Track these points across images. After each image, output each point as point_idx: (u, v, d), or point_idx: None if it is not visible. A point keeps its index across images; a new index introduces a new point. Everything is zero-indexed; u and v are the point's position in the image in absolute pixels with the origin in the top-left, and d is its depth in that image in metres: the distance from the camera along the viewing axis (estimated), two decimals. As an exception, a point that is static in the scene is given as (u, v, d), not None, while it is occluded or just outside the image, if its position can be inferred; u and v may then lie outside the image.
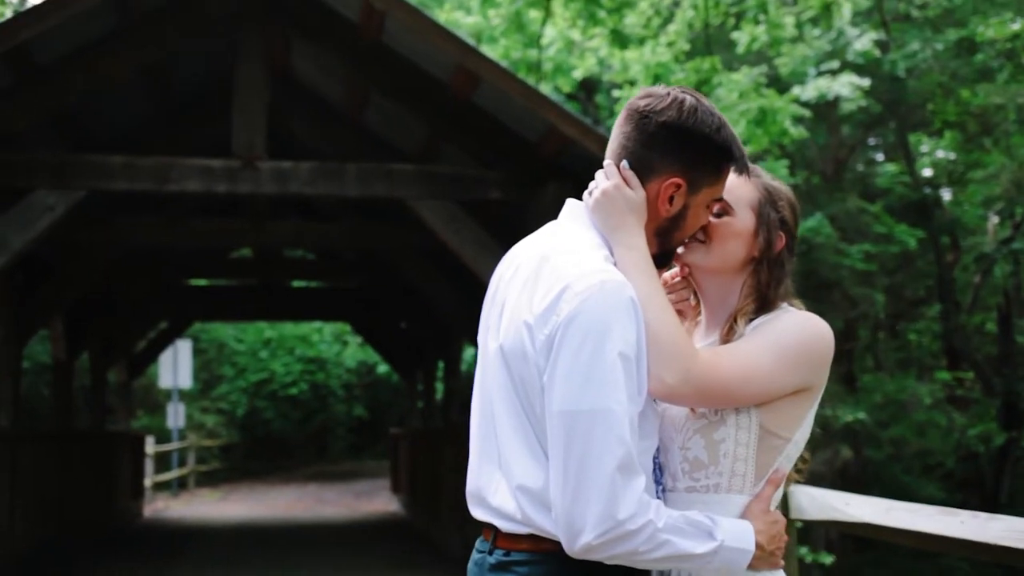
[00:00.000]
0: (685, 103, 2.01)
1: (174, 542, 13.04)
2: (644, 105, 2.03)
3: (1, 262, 7.71)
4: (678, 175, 2.02)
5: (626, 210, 2.03)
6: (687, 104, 2.01)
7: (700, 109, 2.01)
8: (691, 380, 1.96)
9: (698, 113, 2.00)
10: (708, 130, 2.00)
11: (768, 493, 2.08)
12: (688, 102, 2.01)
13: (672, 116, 2.00)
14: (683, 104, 2.01)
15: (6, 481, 9.26)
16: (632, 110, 2.05)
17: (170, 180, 8.06)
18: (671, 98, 2.02)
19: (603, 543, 1.82)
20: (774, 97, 10.24)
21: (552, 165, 8.22)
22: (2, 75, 7.67)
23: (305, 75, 10.08)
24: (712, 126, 2.01)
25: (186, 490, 21.48)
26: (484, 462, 2.03)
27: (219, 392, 25.43)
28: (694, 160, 2.02)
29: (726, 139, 2.03)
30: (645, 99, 2.04)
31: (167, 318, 16.80)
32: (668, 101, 2.01)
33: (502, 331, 2.01)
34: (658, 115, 2.00)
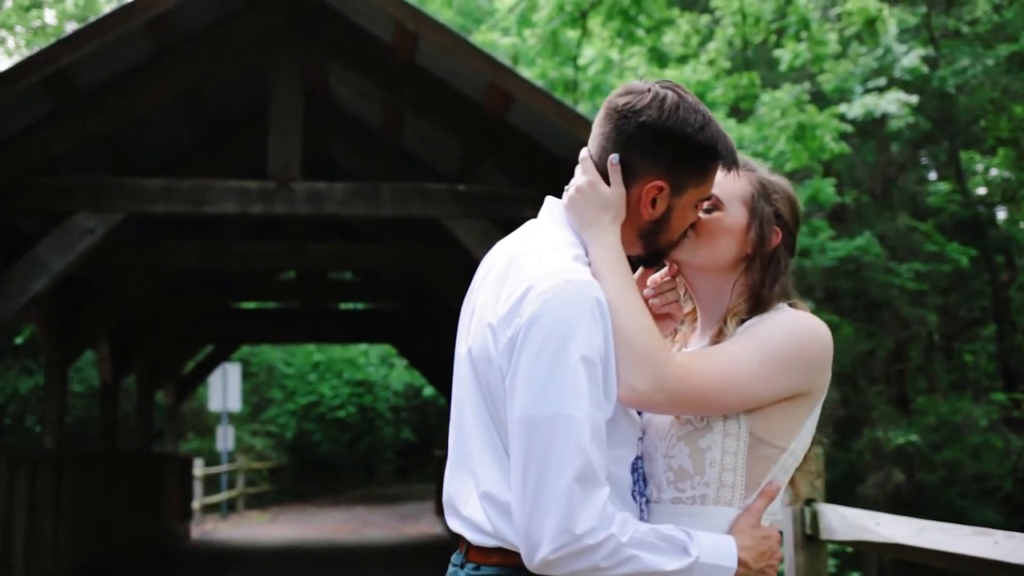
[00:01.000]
0: (666, 100, 1.88)
1: (218, 563, 13.09)
2: (623, 104, 1.91)
3: (42, 285, 7.81)
4: (660, 177, 1.91)
5: (600, 208, 1.92)
6: (668, 101, 1.88)
7: (682, 106, 1.89)
8: (664, 387, 1.84)
9: (680, 111, 1.88)
10: (691, 129, 1.88)
11: (759, 506, 1.93)
12: (670, 99, 1.89)
13: (652, 115, 1.87)
14: (664, 101, 1.88)
15: (51, 501, 9.34)
16: (611, 108, 1.93)
17: (207, 202, 8.13)
18: (651, 95, 1.89)
19: (560, 558, 1.72)
20: (814, 113, 10.09)
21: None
22: (43, 101, 7.80)
23: (342, 97, 10.14)
24: (695, 124, 1.88)
25: (235, 512, 21.57)
26: (456, 471, 1.95)
27: (268, 415, 25.58)
28: (677, 161, 1.90)
29: (711, 137, 1.90)
30: (625, 96, 1.92)
31: (213, 341, 16.93)
32: (648, 99, 1.89)
33: (471, 334, 1.93)
34: (638, 114, 1.88)
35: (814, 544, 4.23)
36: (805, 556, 4.23)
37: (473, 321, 1.95)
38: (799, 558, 4.23)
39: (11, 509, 8.33)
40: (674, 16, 11.29)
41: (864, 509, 4.18)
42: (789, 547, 4.26)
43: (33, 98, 7.66)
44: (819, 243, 16.01)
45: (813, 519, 4.19)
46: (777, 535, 1.97)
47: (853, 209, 19.01)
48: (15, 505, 8.42)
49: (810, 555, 4.24)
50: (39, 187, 8.00)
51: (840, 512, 4.04)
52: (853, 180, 19.53)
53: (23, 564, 8.61)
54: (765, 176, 2.10)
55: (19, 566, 8.54)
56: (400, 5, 7.62)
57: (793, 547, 4.23)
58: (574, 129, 7.74)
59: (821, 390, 2.00)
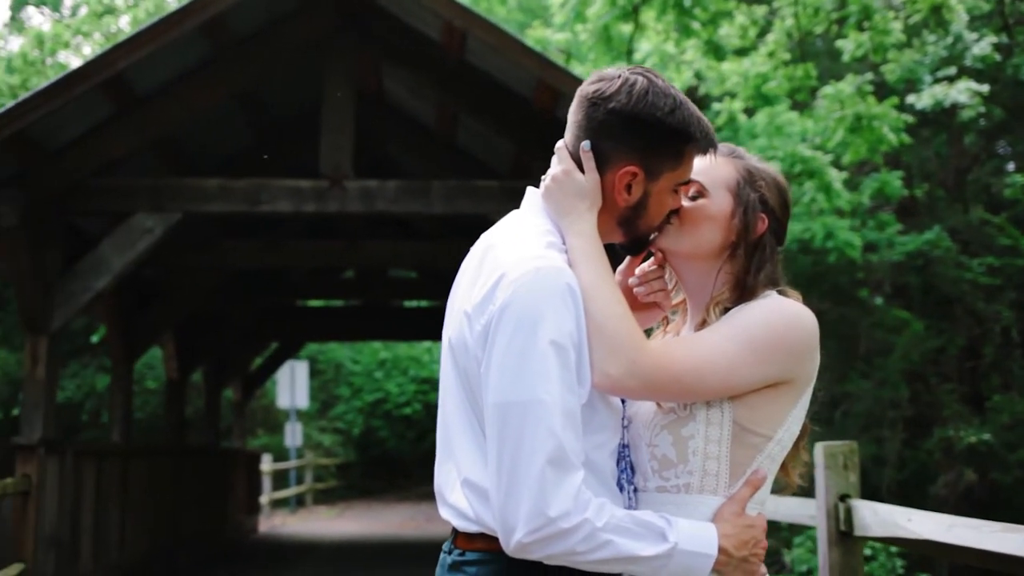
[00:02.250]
0: (636, 86, 1.90)
1: (282, 557, 13.30)
2: (593, 91, 1.93)
3: (104, 283, 8.03)
4: (633, 163, 1.92)
5: (575, 196, 1.94)
6: (638, 87, 1.90)
7: (652, 91, 1.90)
8: (637, 373, 1.84)
9: (649, 96, 1.89)
10: (660, 113, 1.89)
11: (744, 495, 1.94)
12: (639, 84, 1.90)
13: (622, 101, 1.89)
14: (633, 87, 1.90)
15: (117, 494, 9.59)
16: (582, 96, 1.96)
17: (261, 201, 8.28)
18: (621, 81, 1.91)
19: (535, 541, 1.74)
20: (872, 104, 9.91)
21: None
22: (102, 104, 8.00)
23: (397, 96, 10.23)
24: (665, 108, 1.89)
25: (304, 507, 21.89)
26: (442, 459, 1.98)
27: (336, 412, 25.89)
28: (649, 146, 1.91)
29: (681, 120, 1.91)
30: (595, 84, 1.95)
31: (278, 339, 17.19)
32: (618, 85, 1.91)
33: (450, 323, 1.97)
34: (607, 101, 1.90)
35: (848, 540, 4.18)
36: (839, 552, 4.19)
37: (452, 309, 1.98)
38: (833, 554, 4.19)
39: (78, 502, 8.56)
40: (731, 8, 11.18)
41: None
42: (823, 543, 4.22)
43: (93, 102, 7.86)
44: (887, 237, 15.73)
45: (847, 515, 4.15)
46: (763, 524, 1.96)
47: (924, 202, 18.63)
48: (82, 498, 8.66)
49: (844, 551, 4.19)
50: (100, 188, 8.22)
51: (873, 508, 4.00)
52: (924, 173, 19.12)
53: (91, 555, 8.85)
54: (752, 163, 2.10)
55: (87, 557, 8.78)
56: (448, 3, 7.67)
57: (827, 543, 4.20)
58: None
59: (807, 378, 1.99)
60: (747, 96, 11.92)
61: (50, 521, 7.85)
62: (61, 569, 8.05)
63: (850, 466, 4.21)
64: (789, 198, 2.13)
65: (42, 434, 7.67)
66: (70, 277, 7.97)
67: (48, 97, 7.42)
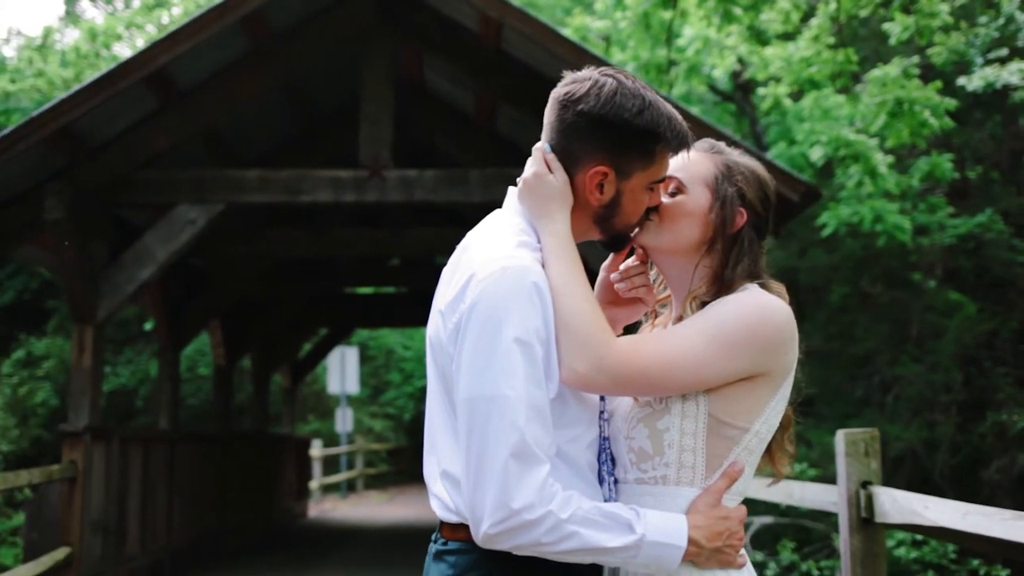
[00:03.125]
0: (604, 88, 1.95)
1: (330, 541, 13.49)
2: (564, 93, 1.99)
3: (148, 273, 8.20)
4: (603, 163, 1.97)
5: (546, 197, 1.99)
6: (606, 89, 1.95)
7: (620, 92, 1.94)
8: (605, 368, 1.88)
9: (616, 97, 1.94)
10: (628, 114, 1.93)
11: (720, 486, 1.97)
12: (608, 86, 1.95)
13: (590, 103, 1.94)
14: (602, 89, 1.95)
15: (164, 480, 9.80)
16: (554, 98, 2.01)
17: (302, 191, 8.39)
18: (591, 83, 1.96)
19: (500, 532, 1.79)
20: (914, 87, 9.77)
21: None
22: (146, 98, 8.16)
23: (437, 85, 10.29)
24: (633, 109, 1.93)
25: (354, 492, 22.14)
26: (428, 451, 2.05)
27: (387, 397, 26.12)
28: (617, 146, 1.96)
29: (649, 121, 1.95)
30: (567, 86, 2.00)
31: (325, 325, 17.38)
32: (587, 87, 1.96)
33: (430, 321, 2.03)
34: (576, 103, 1.95)
35: (870, 527, 4.18)
36: (860, 539, 4.19)
37: (432, 308, 2.04)
38: (854, 541, 4.19)
39: (125, 487, 8.77)
40: (773, -8, 11.09)
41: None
42: (844, 530, 4.23)
43: (136, 97, 8.02)
44: (938, 220, 15.52)
45: (868, 502, 4.14)
46: (741, 515, 1.99)
47: (977, 185, 18.32)
48: (129, 483, 8.86)
49: (865, 538, 4.19)
50: (144, 181, 8.39)
51: (893, 495, 4.00)
52: (977, 155, 18.80)
53: (138, 539, 9.07)
54: (732, 158, 2.12)
55: (134, 539, 9.00)
56: (482, -7, 7.71)
57: (848, 530, 4.20)
58: (658, 111, 7.71)
59: (784, 370, 2.01)
60: (791, 81, 11.82)
61: (97, 506, 8.05)
62: (108, 553, 8.26)
63: (871, 453, 4.20)
64: (770, 192, 2.15)
65: (88, 421, 7.86)
66: (115, 268, 8.15)
67: (93, 92, 7.58)
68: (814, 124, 12.01)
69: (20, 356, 20.32)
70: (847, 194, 12.93)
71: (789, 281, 11.02)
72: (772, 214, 2.17)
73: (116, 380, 19.11)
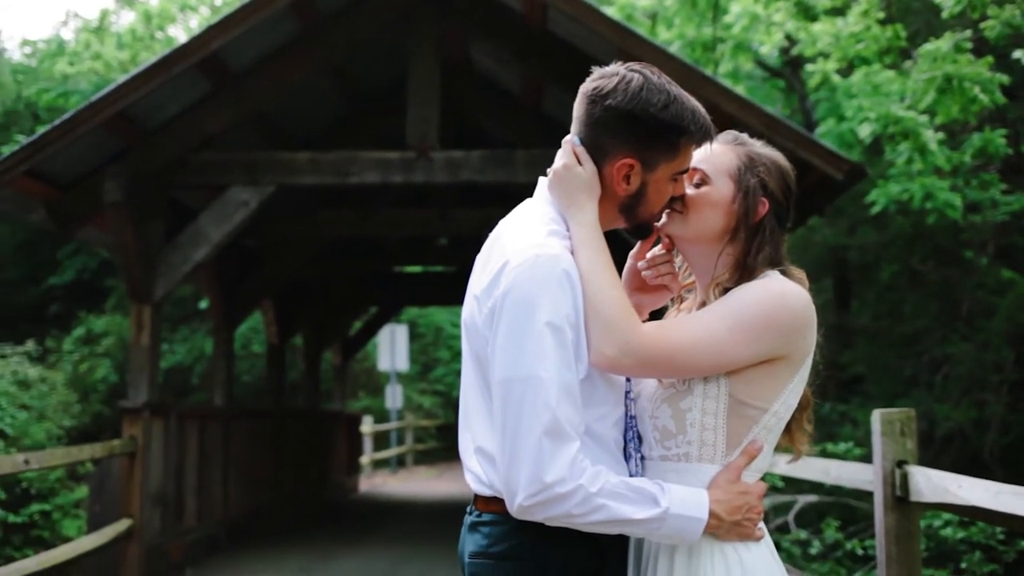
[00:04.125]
0: (631, 83, 2.05)
1: (381, 515, 13.74)
2: (592, 88, 2.10)
3: (202, 254, 8.42)
4: (630, 155, 2.08)
5: (575, 188, 2.10)
6: (633, 84, 2.05)
7: (647, 88, 2.05)
8: (631, 352, 1.99)
9: (643, 92, 2.04)
10: (654, 109, 2.04)
11: (739, 463, 2.09)
12: (635, 82, 2.06)
13: (618, 99, 2.05)
14: (629, 85, 2.05)
15: (221, 455, 10.06)
16: (583, 94, 2.12)
17: (352, 173, 8.55)
18: (618, 79, 2.07)
19: (534, 505, 1.92)
20: (964, 63, 9.69)
21: (717, 144, 8.16)
22: (199, 82, 8.35)
23: (484, 66, 10.38)
24: (658, 104, 2.04)
25: (404, 468, 22.43)
26: (463, 429, 2.18)
27: (436, 374, 26.35)
28: (644, 140, 2.06)
29: (675, 115, 2.05)
30: (595, 82, 2.10)
31: (376, 304, 17.60)
32: (615, 83, 2.06)
33: (465, 305, 2.15)
34: (604, 98, 2.06)
35: (904, 506, 4.24)
36: (895, 517, 4.26)
37: (467, 293, 2.16)
38: (889, 519, 4.26)
39: (183, 461, 9.03)
40: (821, -32, 11.02)
41: (931, 468, 4.16)
42: (879, 508, 4.29)
43: (190, 80, 8.21)
44: (990, 197, 15.32)
45: (904, 481, 4.21)
46: (759, 491, 2.10)
47: (1033, 161, 18.04)
48: (186, 457, 9.13)
49: (900, 516, 4.26)
50: (198, 163, 8.60)
51: (927, 474, 4.06)
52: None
53: (195, 512, 9.34)
54: (755, 150, 2.22)
55: (191, 512, 9.27)
56: (526, -25, 7.79)
57: (883, 508, 4.27)
58: (703, 91, 7.75)
59: (802, 354, 2.11)
60: (840, 57, 11.74)
61: (156, 480, 8.32)
62: (167, 525, 8.54)
63: (907, 433, 4.27)
64: (791, 182, 2.24)
65: (147, 398, 8.11)
66: (171, 249, 8.38)
67: (148, 77, 7.78)
68: (863, 100, 11.92)
69: (80, 334, 20.81)
70: (897, 171, 12.84)
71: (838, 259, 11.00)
72: (793, 203, 2.26)
73: (173, 357, 19.50)
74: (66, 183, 8.32)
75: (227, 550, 9.89)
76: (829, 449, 11.35)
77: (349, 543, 10.58)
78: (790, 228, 2.26)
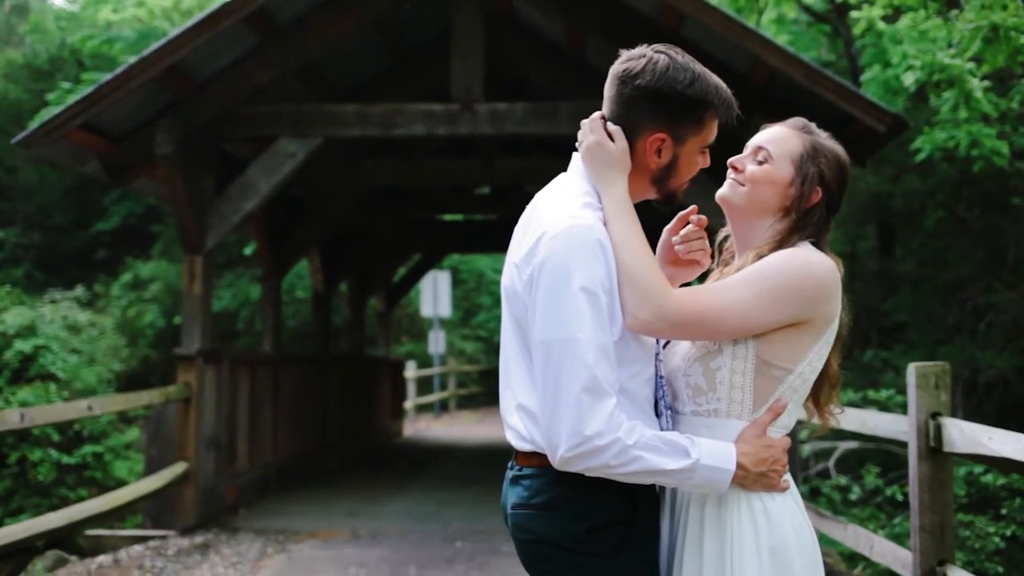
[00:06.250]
0: (658, 64, 2.22)
1: (426, 458, 14.06)
2: (622, 70, 2.27)
3: (252, 205, 8.61)
4: (661, 130, 2.24)
5: (606, 163, 2.26)
6: (660, 64, 2.22)
7: (672, 67, 2.22)
8: (664, 316, 2.15)
9: (670, 71, 2.21)
10: (680, 86, 2.21)
11: (765, 420, 2.24)
12: (661, 62, 2.23)
13: (647, 79, 2.22)
14: (656, 65, 2.22)
15: (270, 400, 10.34)
16: (613, 75, 2.29)
17: (397, 125, 8.68)
18: (645, 60, 2.24)
19: (575, 456, 2.09)
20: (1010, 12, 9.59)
21: (760, 96, 8.19)
22: (247, 35, 8.47)
23: (527, 16, 10.40)
24: (684, 81, 2.21)
25: (447, 412, 22.80)
26: (504, 387, 2.35)
27: (478, 320, 26.63)
28: (673, 115, 2.23)
29: (700, 91, 2.22)
30: (624, 64, 2.28)
31: (420, 251, 17.81)
32: (643, 64, 2.24)
33: (505, 271, 2.32)
34: (634, 78, 2.23)
35: (938, 456, 4.37)
36: (929, 466, 4.40)
37: (506, 260, 2.33)
38: (923, 468, 4.40)
39: (234, 407, 9.31)
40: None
41: (963, 420, 4.27)
42: (913, 457, 4.43)
43: (238, 34, 8.34)
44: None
45: (937, 432, 4.34)
46: (784, 445, 2.27)
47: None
48: (237, 403, 9.40)
49: (934, 465, 4.39)
50: (246, 115, 8.76)
51: (960, 426, 4.18)
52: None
53: (246, 455, 9.64)
54: (819, 140, 2.38)
55: (243, 456, 9.57)
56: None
57: (917, 458, 4.40)
58: (746, 43, 7.78)
59: (826, 319, 2.27)
60: (885, 4, 11.63)
61: (209, 425, 8.60)
62: (220, 468, 8.83)
63: (941, 386, 4.39)
64: (848, 176, 2.40)
65: (200, 345, 8.36)
66: (221, 200, 8.58)
67: (198, 32, 7.91)
68: (909, 47, 11.81)
69: (128, 279, 21.22)
70: (942, 118, 12.74)
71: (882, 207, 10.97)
72: (846, 194, 2.40)
73: (218, 303, 19.85)
74: (118, 135, 8.52)
75: (277, 493, 10.21)
76: (871, 396, 11.45)
77: (395, 486, 10.87)
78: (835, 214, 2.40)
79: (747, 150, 2.40)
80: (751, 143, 2.41)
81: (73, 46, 23.35)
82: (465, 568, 7.06)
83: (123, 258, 22.18)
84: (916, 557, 4.40)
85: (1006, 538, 9.75)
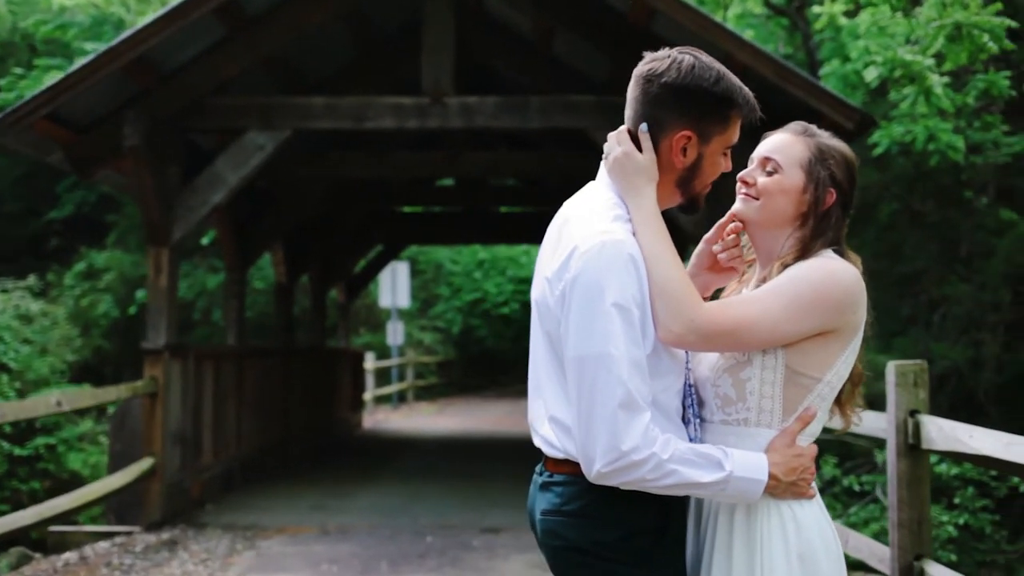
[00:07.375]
0: (683, 63, 2.24)
1: (387, 450, 14.04)
2: (647, 70, 2.27)
3: (220, 197, 8.54)
4: (687, 128, 2.25)
5: (635, 174, 2.27)
6: (685, 63, 2.24)
7: (697, 66, 2.23)
8: (696, 329, 2.18)
9: (695, 70, 2.23)
10: (706, 83, 2.22)
11: (794, 428, 2.27)
12: (686, 61, 2.24)
13: (672, 76, 2.23)
14: (681, 64, 2.24)
15: (234, 394, 10.27)
16: (637, 76, 2.29)
17: (367, 118, 8.65)
18: (670, 60, 2.25)
19: (612, 471, 2.11)
20: (973, 10, 9.75)
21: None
22: (215, 26, 8.39)
23: (496, 10, 10.40)
24: (710, 79, 2.23)
25: (405, 403, 22.74)
26: (534, 397, 2.36)
27: (436, 311, 26.59)
28: (699, 112, 2.24)
29: (725, 89, 2.24)
30: (648, 64, 2.28)
31: (382, 242, 17.74)
32: (668, 63, 2.25)
33: (536, 285, 2.33)
34: (659, 77, 2.24)
35: (916, 453, 4.46)
36: (907, 463, 4.48)
37: (537, 273, 2.34)
38: (901, 465, 4.48)
39: (200, 400, 9.23)
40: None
41: (942, 418, 4.36)
42: (892, 454, 4.51)
43: (206, 26, 8.25)
44: (992, 139, 15.39)
45: (916, 430, 4.41)
46: (813, 453, 2.29)
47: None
48: (203, 397, 9.32)
49: (912, 462, 4.47)
50: (215, 107, 8.68)
51: (939, 424, 4.26)
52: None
53: (211, 450, 9.57)
54: (824, 142, 2.40)
55: (208, 450, 9.50)
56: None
57: (896, 455, 4.48)
58: (716, 40, 7.83)
59: (853, 328, 2.30)
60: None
61: (175, 419, 8.52)
62: (186, 462, 8.76)
63: (920, 383, 4.47)
64: (856, 172, 2.43)
65: (166, 339, 8.28)
66: (189, 192, 8.49)
67: (166, 23, 7.82)
68: (869, 42, 11.95)
69: (81, 268, 20.89)
70: (900, 113, 12.91)
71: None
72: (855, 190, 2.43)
73: (176, 293, 19.56)
74: (84, 126, 8.40)
75: (242, 487, 10.14)
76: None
77: (360, 479, 10.85)
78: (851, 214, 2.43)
79: (754, 163, 2.42)
80: (757, 155, 2.42)
81: (26, 31, 22.91)
82: (437, 563, 7.07)
83: (77, 247, 21.83)
84: (894, 552, 4.49)
85: (959, 527, 9.96)
